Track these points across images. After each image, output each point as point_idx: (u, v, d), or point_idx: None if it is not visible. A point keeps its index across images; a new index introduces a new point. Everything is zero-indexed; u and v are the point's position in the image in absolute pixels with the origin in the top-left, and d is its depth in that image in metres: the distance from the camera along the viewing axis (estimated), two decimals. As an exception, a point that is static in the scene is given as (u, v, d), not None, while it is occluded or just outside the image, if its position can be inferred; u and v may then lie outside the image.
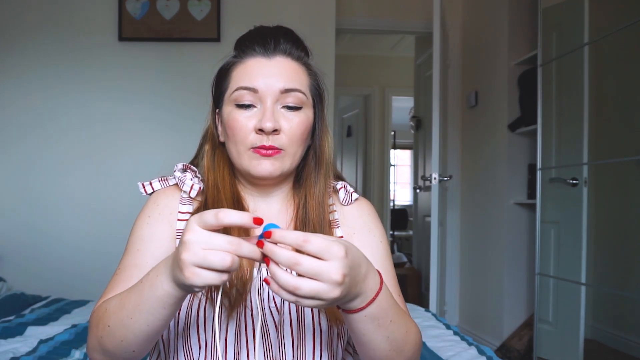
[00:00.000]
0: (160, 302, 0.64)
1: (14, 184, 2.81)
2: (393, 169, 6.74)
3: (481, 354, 1.41)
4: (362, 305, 0.64)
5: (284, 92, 0.80)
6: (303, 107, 0.82)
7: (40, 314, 1.87)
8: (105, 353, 0.71)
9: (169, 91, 2.88)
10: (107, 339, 0.69)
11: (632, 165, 2.60)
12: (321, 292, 0.56)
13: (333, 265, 0.56)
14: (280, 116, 0.80)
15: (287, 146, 0.80)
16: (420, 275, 4.33)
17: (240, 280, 0.77)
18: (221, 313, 0.77)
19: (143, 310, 0.65)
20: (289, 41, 0.84)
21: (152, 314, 0.65)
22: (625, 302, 2.63)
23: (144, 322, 0.66)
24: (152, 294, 0.64)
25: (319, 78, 0.88)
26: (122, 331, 0.68)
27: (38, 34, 2.82)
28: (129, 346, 0.69)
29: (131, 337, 0.67)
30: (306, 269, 0.55)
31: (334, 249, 0.56)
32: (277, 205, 0.89)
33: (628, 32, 2.37)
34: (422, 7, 3.44)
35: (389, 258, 0.88)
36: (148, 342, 0.69)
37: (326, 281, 0.56)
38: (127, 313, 0.67)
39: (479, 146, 3.37)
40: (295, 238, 0.56)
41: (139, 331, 0.67)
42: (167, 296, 0.63)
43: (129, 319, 0.66)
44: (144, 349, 0.71)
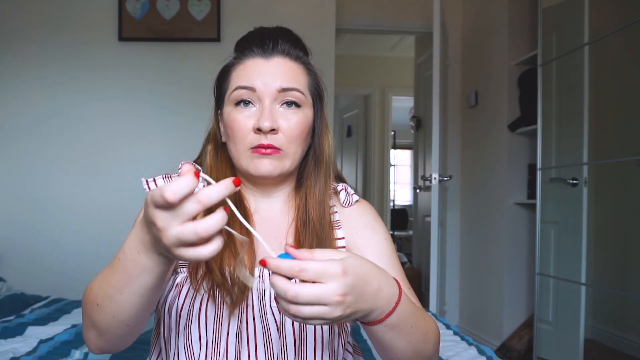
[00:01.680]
0: (151, 273, 0.61)
1: (14, 184, 2.81)
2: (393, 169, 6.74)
3: (481, 354, 1.41)
4: (380, 318, 0.64)
5: (281, 92, 0.81)
6: (302, 107, 0.83)
7: (40, 314, 1.87)
8: (98, 332, 0.70)
9: (169, 91, 2.88)
10: (98, 318, 0.68)
11: (632, 165, 2.60)
12: (324, 314, 0.56)
13: (330, 287, 0.56)
14: (279, 115, 0.81)
15: (285, 146, 0.81)
16: (420, 275, 4.33)
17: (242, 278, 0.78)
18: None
19: (133, 284, 0.63)
20: (287, 41, 0.85)
21: (142, 286, 0.63)
22: (625, 302, 2.62)
23: (136, 293, 0.64)
24: (139, 269, 0.61)
25: (318, 77, 0.88)
26: (112, 307, 0.66)
27: (38, 34, 2.82)
28: (122, 321, 0.67)
29: (123, 312, 0.66)
30: (306, 298, 0.55)
31: (331, 271, 0.56)
32: (278, 206, 0.89)
33: (628, 32, 2.37)
34: (422, 7, 3.44)
35: (395, 254, 0.89)
36: (142, 314, 0.68)
37: (325, 303, 0.56)
38: (116, 289, 0.64)
39: (479, 146, 3.37)
40: (289, 269, 0.55)
41: (131, 304, 0.65)
42: (156, 265, 0.61)
43: (119, 294, 0.64)
44: (138, 323, 0.69)
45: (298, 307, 0.55)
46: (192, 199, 0.52)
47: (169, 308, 0.81)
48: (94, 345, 0.72)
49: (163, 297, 0.84)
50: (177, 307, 0.80)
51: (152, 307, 0.69)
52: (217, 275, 0.77)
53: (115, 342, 0.71)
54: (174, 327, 0.80)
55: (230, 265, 0.79)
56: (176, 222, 0.52)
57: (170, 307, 0.81)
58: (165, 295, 0.83)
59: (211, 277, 0.78)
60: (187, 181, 0.51)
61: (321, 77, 0.89)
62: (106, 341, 0.71)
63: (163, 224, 0.53)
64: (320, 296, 0.55)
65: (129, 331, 0.70)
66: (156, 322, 0.88)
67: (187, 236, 0.52)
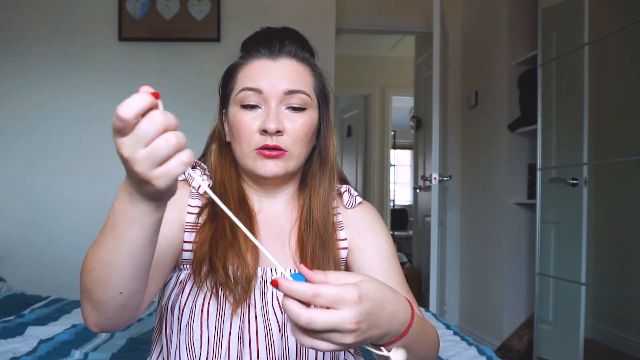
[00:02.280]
0: (139, 225, 0.58)
1: (14, 184, 2.81)
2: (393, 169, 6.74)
3: (481, 354, 1.41)
4: (391, 341, 0.62)
5: (288, 94, 0.81)
6: (307, 109, 0.83)
7: (40, 314, 1.87)
8: (93, 304, 0.65)
9: (169, 91, 2.88)
10: (91, 287, 0.64)
11: (632, 165, 2.60)
12: (336, 341, 0.54)
13: (345, 314, 0.53)
14: (284, 117, 0.81)
15: (290, 147, 0.81)
16: (420, 275, 4.33)
17: (245, 277, 0.78)
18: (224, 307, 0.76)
19: (123, 241, 0.59)
20: (294, 43, 0.85)
21: (132, 242, 0.59)
22: (625, 302, 2.62)
23: (127, 252, 0.60)
24: (126, 221, 0.58)
25: (324, 79, 0.89)
26: (104, 272, 0.62)
27: (38, 34, 2.82)
28: (115, 287, 0.63)
29: (115, 276, 0.62)
30: (320, 325, 0.52)
31: (347, 297, 0.53)
32: (282, 206, 0.89)
33: (628, 32, 2.37)
34: (422, 7, 3.44)
35: (395, 256, 0.89)
36: (135, 280, 0.63)
37: (338, 331, 0.53)
38: (107, 250, 0.61)
39: (479, 146, 3.37)
40: (304, 293, 0.52)
41: (123, 265, 0.61)
42: (142, 215, 0.57)
43: (110, 256, 0.61)
44: (131, 291, 0.65)
45: (310, 334, 0.53)
46: (146, 117, 0.49)
47: (172, 305, 0.81)
48: (91, 321, 0.68)
49: (167, 295, 0.84)
50: (180, 304, 0.80)
51: (145, 274, 0.65)
52: (221, 273, 0.77)
53: (111, 316, 0.67)
54: (176, 324, 0.80)
55: (233, 264, 0.79)
56: (140, 146, 0.49)
57: (173, 304, 0.81)
58: (169, 293, 0.83)
59: (214, 276, 0.78)
60: (140, 97, 0.48)
61: (327, 79, 0.90)
62: (102, 314, 0.66)
63: (128, 151, 0.50)
64: (334, 324, 0.52)
65: (123, 301, 0.65)
66: (158, 319, 0.88)
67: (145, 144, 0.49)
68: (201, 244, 0.80)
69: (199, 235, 0.81)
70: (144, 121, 0.49)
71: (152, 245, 0.62)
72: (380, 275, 0.83)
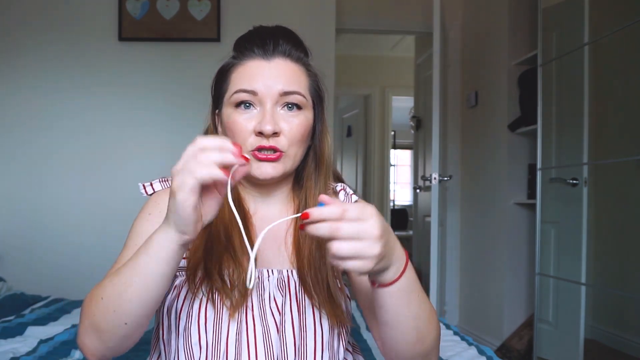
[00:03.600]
0: (157, 257, 0.66)
1: (13, 184, 2.81)
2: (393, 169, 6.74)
3: (481, 354, 1.41)
4: (397, 276, 0.66)
5: (283, 95, 0.80)
6: (302, 109, 0.83)
7: (40, 314, 1.87)
8: (96, 331, 0.70)
9: (169, 91, 2.88)
10: (98, 314, 0.69)
11: (632, 165, 2.60)
12: (364, 250, 0.58)
13: (370, 223, 0.59)
14: (280, 118, 0.80)
15: (287, 148, 0.81)
16: (420, 275, 4.32)
17: (241, 281, 0.78)
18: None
19: (140, 272, 0.66)
20: (288, 42, 0.84)
21: (149, 275, 0.66)
22: (625, 302, 2.62)
23: (141, 284, 0.67)
24: (151, 249, 0.66)
25: (318, 79, 0.88)
26: (115, 300, 0.68)
27: (38, 35, 2.82)
28: (122, 317, 0.68)
29: (125, 306, 0.67)
30: (347, 231, 0.58)
31: (368, 210, 0.60)
32: (277, 207, 0.89)
33: (628, 32, 2.37)
34: (422, 7, 3.44)
35: None
36: (142, 313, 0.69)
37: (367, 238, 0.58)
38: (123, 280, 0.68)
39: (479, 146, 3.37)
40: (334, 212, 0.58)
41: (134, 296, 0.67)
42: (166, 242, 0.65)
43: (124, 285, 0.67)
44: (137, 325, 0.70)
45: (339, 243, 0.57)
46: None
47: (168, 309, 0.81)
48: (89, 350, 0.72)
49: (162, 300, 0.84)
50: (176, 308, 0.79)
51: (152, 310, 0.70)
52: (216, 279, 0.77)
53: (113, 345, 0.71)
54: (173, 328, 0.80)
55: (229, 268, 0.79)
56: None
57: (169, 308, 0.81)
58: (165, 298, 0.83)
59: (210, 282, 0.78)
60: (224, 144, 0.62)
61: (322, 78, 0.89)
62: (103, 343, 0.70)
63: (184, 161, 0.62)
64: (362, 229, 0.58)
65: (127, 332, 0.69)
66: (155, 325, 0.88)
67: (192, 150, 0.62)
68: (195, 251, 0.80)
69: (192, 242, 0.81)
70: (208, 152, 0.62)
71: (166, 286, 0.68)
72: None
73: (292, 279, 0.82)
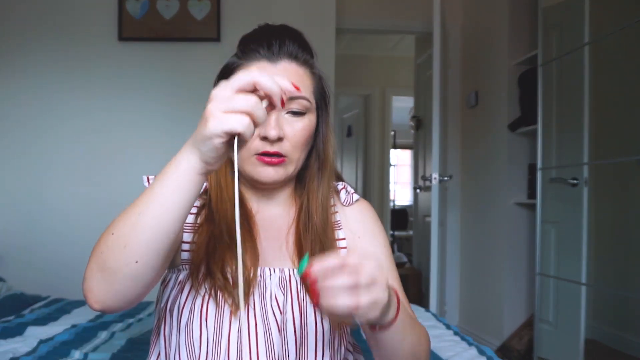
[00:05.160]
0: (176, 183, 0.62)
1: (13, 184, 2.81)
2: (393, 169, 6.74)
3: (481, 354, 1.41)
4: (394, 315, 0.67)
5: (288, 100, 0.79)
6: (307, 113, 0.82)
7: (40, 314, 1.87)
8: (103, 272, 0.64)
9: (169, 91, 2.88)
10: (108, 250, 0.64)
11: (632, 165, 2.60)
12: (379, 295, 0.60)
13: (374, 265, 0.61)
14: (284, 122, 0.80)
15: (290, 152, 0.81)
16: (420, 275, 4.33)
17: (244, 280, 0.78)
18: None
19: (156, 199, 0.63)
20: (294, 43, 0.83)
21: (165, 202, 0.63)
22: (625, 302, 2.62)
23: (156, 212, 0.63)
24: (170, 175, 0.63)
25: (323, 81, 0.88)
26: (128, 233, 0.63)
27: (38, 35, 2.82)
28: (133, 253, 0.63)
29: (137, 238, 0.63)
30: (369, 272, 0.59)
31: (369, 252, 0.63)
32: (279, 206, 0.89)
33: (628, 32, 2.37)
34: (422, 7, 3.44)
35: (392, 261, 0.90)
36: (154, 247, 0.64)
37: (380, 281, 0.60)
38: (137, 210, 0.63)
39: (479, 146, 3.37)
40: (337, 261, 0.60)
41: (147, 226, 0.62)
42: (187, 171, 0.62)
43: (137, 215, 0.63)
44: (148, 263, 0.64)
45: (359, 293, 0.59)
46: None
47: (171, 305, 0.81)
48: (94, 295, 0.66)
49: (166, 296, 0.84)
50: (179, 304, 0.80)
51: (162, 249, 0.65)
52: (219, 277, 0.77)
53: (120, 287, 0.65)
54: (175, 324, 0.80)
55: (232, 266, 0.79)
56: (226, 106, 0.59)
57: (172, 304, 0.81)
58: (168, 294, 0.83)
59: (212, 281, 0.78)
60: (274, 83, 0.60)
61: (326, 81, 0.89)
62: (110, 285, 0.65)
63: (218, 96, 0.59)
64: (375, 270, 0.60)
65: (136, 271, 0.64)
66: (156, 321, 0.88)
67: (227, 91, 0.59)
68: (198, 247, 0.80)
69: (197, 237, 0.81)
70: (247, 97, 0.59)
71: (179, 217, 0.64)
72: None
73: (293, 278, 0.83)
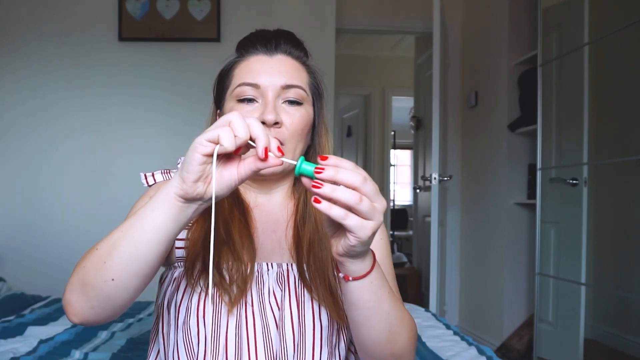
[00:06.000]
0: (155, 206, 0.63)
1: (13, 184, 2.81)
2: (393, 169, 6.74)
3: (481, 354, 1.41)
4: (369, 268, 0.66)
5: (285, 88, 0.82)
6: (303, 103, 0.84)
7: (40, 314, 1.87)
8: (82, 286, 0.66)
9: (169, 91, 2.88)
10: (89, 264, 0.66)
11: (632, 165, 2.60)
12: (377, 211, 0.58)
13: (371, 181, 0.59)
14: (282, 110, 0.82)
15: (287, 140, 0.81)
16: (420, 275, 4.33)
17: (240, 276, 0.78)
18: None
19: (136, 223, 0.64)
20: (289, 43, 0.86)
21: (144, 225, 0.63)
22: (625, 302, 2.62)
23: (135, 234, 0.64)
24: (152, 200, 0.64)
25: (318, 77, 0.89)
26: (109, 250, 0.65)
27: (38, 35, 2.82)
28: (110, 270, 0.64)
29: (116, 258, 0.64)
30: (372, 184, 0.58)
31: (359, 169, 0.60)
32: (278, 200, 0.89)
33: (628, 32, 2.37)
34: (422, 7, 3.44)
35: (388, 256, 0.89)
36: (130, 270, 0.65)
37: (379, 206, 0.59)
38: (119, 231, 0.66)
39: (479, 146, 3.37)
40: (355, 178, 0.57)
41: (126, 247, 0.64)
42: (168, 194, 0.62)
43: (120, 234, 0.65)
44: (123, 283, 0.65)
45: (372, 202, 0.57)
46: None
47: (168, 303, 0.81)
48: (73, 309, 0.68)
49: (162, 293, 0.84)
50: (176, 301, 0.80)
51: (142, 273, 0.66)
52: (215, 273, 0.77)
53: (96, 303, 0.67)
54: (173, 322, 0.80)
55: (228, 262, 0.79)
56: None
57: (169, 301, 0.81)
58: (165, 290, 0.83)
59: (208, 277, 0.77)
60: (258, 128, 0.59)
61: (321, 77, 0.90)
62: (87, 300, 0.67)
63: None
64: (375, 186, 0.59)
65: (112, 291, 0.66)
66: (155, 317, 0.88)
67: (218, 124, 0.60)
68: (194, 243, 0.79)
69: (191, 234, 0.80)
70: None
71: (159, 239, 0.64)
72: None
73: (291, 273, 0.83)
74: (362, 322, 0.71)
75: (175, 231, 0.65)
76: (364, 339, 0.74)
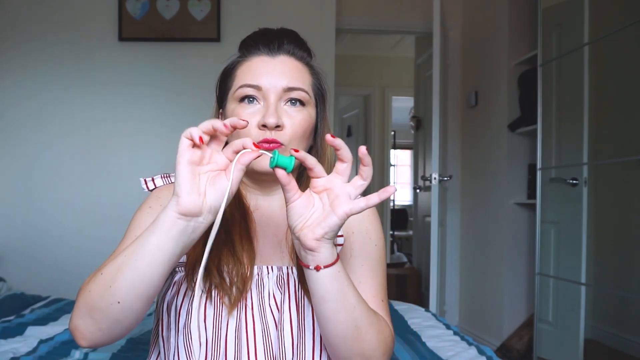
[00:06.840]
0: (156, 228, 0.66)
1: (14, 184, 2.81)
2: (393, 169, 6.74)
3: (481, 354, 1.41)
4: (335, 257, 0.69)
5: (287, 90, 0.81)
6: (305, 105, 0.83)
7: (40, 314, 1.87)
8: (89, 310, 0.69)
9: (169, 91, 2.88)
10: (95, 289, 0.68)
11: (632, 165, 2.60)
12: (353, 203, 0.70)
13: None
14: (283, 113, 0.81)
15: (288, 142, 0.80)
16: (420, 275, 4.33)
17: (240, 277, 0.78)
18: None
19: (139, 246, 0.66)
20: (292, 42, 0.85)
21: (146, 248, 0.66)
22: (625, 302, 2.62)
23: (138, 257, 0.66)
24: (153, 223, 0.66)
25: (321, 78, 0.89)
26: (114, 274, 0.67)
27: (38, 35, 2.82)
28: (116, 294, 0.66)
29: (121, 282, 0.66)
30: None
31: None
32: (278, 203, 0.89)
33: (628, 32, 2.37)
34: (422, 7, 3.44)
35: (382, 263, 0.88)
36: (135, 293, 0.67)
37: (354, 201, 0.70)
38: (124, 255, 0.68)
39: (478, 146, 3.37)
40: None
41: (131, 271, 0.66)
42: (167, 211, 0.65)
43: (124, 258, 0.67)
44: (130, 306, 0.68)
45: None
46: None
47: (168, 306, 0.81)
48: (81, 333, 0.70)
49: (162, 297, 0.84)
50: (176, 305, 0.80)
51: (146, 295, 0.68)
52: (215, 275, 0.77)
53: (104, 326, 0.69)
54: (173, 325, 0.80)
55: (228, 264, 0.79)
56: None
57: (169, 305, 0.81)
58: (164, 294, 0.83)
59: (208, 278, 0.78)
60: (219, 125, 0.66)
61: (324, 79, 0.90)
62: (95, 323, 0.69)
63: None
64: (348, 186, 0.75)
65: (119, 314, 0.68)
66: (155, 321, 0.88)
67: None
68: (194, 247, 0.78)
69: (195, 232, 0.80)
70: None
71: (162, 260, 0.66)
72: (355, 280, 0.82)
73: (291, 276, 0.83)
74: (330, 316, 0.72)
75: (177, 252, 0.67)
76: (331, 335, 0.74)
